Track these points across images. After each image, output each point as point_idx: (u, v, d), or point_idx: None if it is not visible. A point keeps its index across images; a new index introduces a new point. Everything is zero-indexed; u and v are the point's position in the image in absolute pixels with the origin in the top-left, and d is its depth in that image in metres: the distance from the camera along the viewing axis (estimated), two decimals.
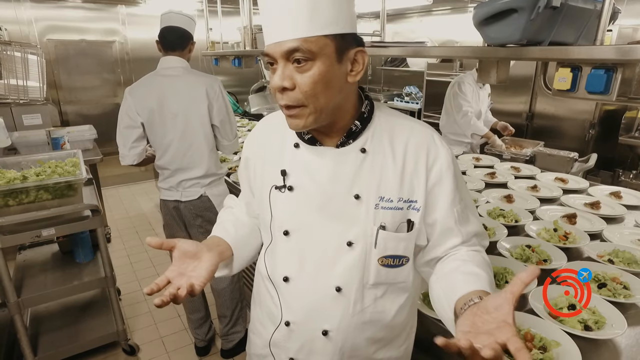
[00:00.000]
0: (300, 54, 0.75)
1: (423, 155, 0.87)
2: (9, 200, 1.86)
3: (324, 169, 0.88)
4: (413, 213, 0.88)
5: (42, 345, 2.19)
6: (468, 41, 4.44)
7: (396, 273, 0.91)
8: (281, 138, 0.95)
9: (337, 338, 0.93)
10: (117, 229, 4.14)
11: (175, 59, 2.01)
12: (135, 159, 2.05)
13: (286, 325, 0.96)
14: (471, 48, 1.49)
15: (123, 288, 3.02)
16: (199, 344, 2.42)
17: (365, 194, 0.86)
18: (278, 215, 0.93)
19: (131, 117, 1.97)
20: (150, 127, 1.99)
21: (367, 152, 0.87)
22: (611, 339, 1.08)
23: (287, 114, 0.81)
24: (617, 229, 1.74)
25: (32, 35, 4.54)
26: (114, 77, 5.19)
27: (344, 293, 0.90)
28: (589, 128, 3.81)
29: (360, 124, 0.87)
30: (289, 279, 0.94)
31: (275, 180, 0.93)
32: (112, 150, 5.13)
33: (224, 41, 3.96)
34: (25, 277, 2.26)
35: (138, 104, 1.95)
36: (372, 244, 0.87)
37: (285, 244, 0.93)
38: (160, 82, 1.97)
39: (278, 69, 0.78)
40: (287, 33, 0.75)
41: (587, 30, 1.23)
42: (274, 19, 0.77)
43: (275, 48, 0.77)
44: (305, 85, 0.77)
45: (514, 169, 2.60)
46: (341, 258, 0.89)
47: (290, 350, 0.98)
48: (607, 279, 1.33)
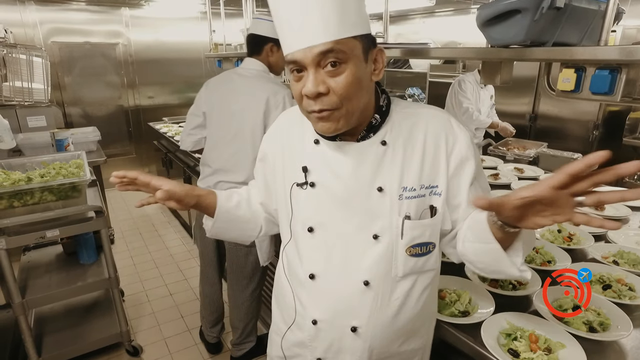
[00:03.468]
0: (334, 56, 0.74)
1: (442, 141, 0.88)
2: (14, 201, 1.87)
3: (346, 163, 0.88)
4: (435, 198, 0.89)
5: (46, 346, 2.20)
6: (471, 42, 4.43)
7: (425, 261, 0.92)
8: (300, 134, 0.95)
9: (367, 334, 0.92)
10: (120, 230, 4.16)
11: (252, 60, 2.02)
12: (190, 146, 2.13)
13: (313, 324, 0.95)
14: (474, 49, 1.49)
15: (126, 289, 3.02)
16: (211, 340, 2.42)
17: (388, 186, 0.87)
18: (300, 212, 0.93)
19: (197, 105, 2.07)
20: (209, 119, 2.04)
21: (388, 145, 0.87)
22: (616, 341, 1.08)
23: (319, 116, 0.79)
24: (621, 230, 1.73)
25: (37, 38, 4.56)
26: (117, 79, 5.21)
27: (372, 287, 0.90)
28: (592, 129, 3.79)
29: (380, 117, 0.88)
30: (315, 276, 0.93)
31: (296, 177, 0.93)
32: (116, 152, 5.19)
33: (227, 43, 3.98)
34: (30, 278, 2.26)
35: (207, 95, 2.04)
36: (399, 235, 0.88)
37: (309, 241, 0.93)
38: (233, 79, 2.01)
39: (308, 75, 0.76)
40: (319, 36, 0.74)
41: (591, 30, 1.22)
42: (300, 24, 0.75)
43: (306, 53, 0.75)
44: (340, 89, 0.76)
45: (517, 170, 2.59)
46: (367, 252, 0.89)
47: (318, 350, 0.97)
48: (612, 280, 1.32)
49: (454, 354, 1.16)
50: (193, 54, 5.53)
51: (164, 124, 4.68)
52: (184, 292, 3.05)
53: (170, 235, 4.07)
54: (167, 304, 2.91)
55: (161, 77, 5.49)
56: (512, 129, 3.39)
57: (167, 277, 3.28)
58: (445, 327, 1.14)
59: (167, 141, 4.04)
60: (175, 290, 3.08)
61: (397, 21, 6.13)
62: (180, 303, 2.92)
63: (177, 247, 3.82)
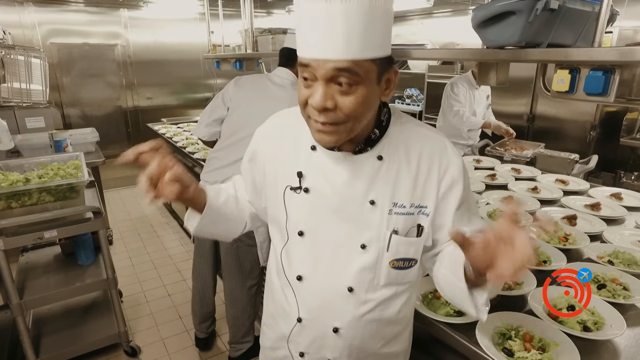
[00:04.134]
0: (348, 75, 0.73)
1: (436, 164, 0.90)
2: (11, 202, 1.88)
3: (341, 173, 0.89)
4: (423, 218, 0.91)
5: (44, 347, 2.20)
6: (469, 43, 4.45)
7: (405, 274, 0.94)
8: (294, 138, 0.95)
9: (347, 335, 0.96)
10: (119, 231, 4.16)
11: (285, 70, 2.09)
12: (206, 136, 2.19)
13: (298, 322, 0.99)
14: (471, 50, 1.50)
15: (125, 290, 3.02)
16: (200, 335, 2.44)
17: (380, 200, 0.88)
18: (293, 215, 0.94)
19: (223, 100, 2.11)
20: (231, 115, 2.08)
21: (384, 160, 0.89)
22: (610, 340, 1.09)
23: (322, 129, 0.79)
24: (617, 230, 1.74)
25: (36, 39, 4.57)
26: (116, 80, 5.21)
27: (355, 293, 0.92)
28: (589, 130, 3.81)
29: (379, 132, 0.89)
30: (303, 278, 0.96)
31: (289, 181, 0.93)
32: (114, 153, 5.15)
33: (225, 44, 3.98)
34: (28, 279, 2.27)
35: (235, 92, 2.08)
36: (385, 247, 0.90)
37: (299, 245, 0.95)
38: (265, 83, 2.07)
39: (318, 86, 0.75)
40: (338, 52, 0.71)
41: (585, 32, 1.23)
42: (321, 32, 0.72)
43: (320, 65, 0.73)
44: (347, 108, 0.76)
45: (514, 171, 2.60)
46: (354, 260, 0.91)
47: (301, 345, 1.01)
48: (607, 280, 1.33)
49: (449, 353, 1.17)
50: (191, 55, 5.54)
51: (162, 124, 4.68)
52: (182, 293, 3.05)
53: (168, 236, 4.07)
54: (165, 305, 2.92)
55: (160, 78, 5.50)
56: (506, 127, 3.33)
57: (166, 277, 3.28)
58: (440, 326, 1.15)
59: (166, 142, 4.04)
60: (173, 291, 3.08)
61: (395, 22, 6.10)
62: (178, 304, 2.92)
63: (176, 247, 3.82)
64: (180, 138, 3.86)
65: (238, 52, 3.78)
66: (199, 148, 3.44)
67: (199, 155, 3.22)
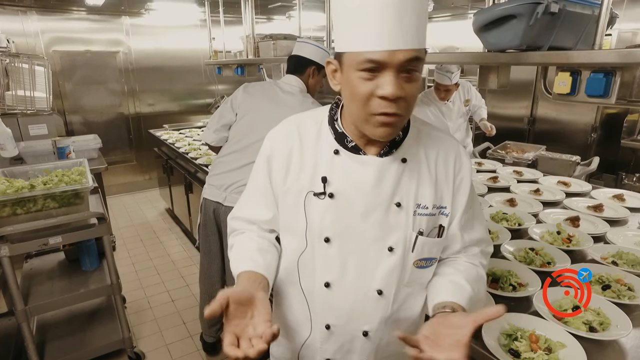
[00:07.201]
0: (415, 64, 0.75)
1: (451, 165, 0.93)
2: (17, 208, 1.88)
3: (368, 177, 0.89)
4: (443, 218, 0.93)
5: (49, 353, 2.20)
6: (469, 47, 4.47)
7: (425, 273, 0.97)
8: (314, 142, 0.94)
9: (375, 337, 0.97)
10: (121, 237, 4.16)
11: (294, 78, 2.12)
12: (214, 141, 2.19)
13: (326, 329, 0.98)
14: (471, 54, 1.52)
15: (128, 296, 3.03)
16: (208, 340, 2.43)
17: (405, 202, 0.90)
18: (316, 222, 0.92)
19: (232, 106, 2.11)
20: (240, 121, 2.09)
21: (407, 162, 0.90)
22: (616, 340, 1.09)
23: (387, 121, 0.78)
24: (620, 231, 1.74)
25: (39, 47, 4.60)
26: (118, 87, 5.24)
27: (384, 295, 0.94)
28: (591, 132, 3.82)
29: (402, 133, 0.90)
30: (330, 284, 0.94)
31: (311, 186, 0.92)
32: (117, 159, 5.20)
33: (226, 50, 4.01)
34: (32, 285, 2.27)
35: (244, 99, 2.09)
36: (410, 248, 0.91)
37: (325, 251, 0.93)
38: (272, 89, 2.09)
39: (387, 77, 0.75)
40: (408, 42, 0.74)
41: (585, 35, 1.25)
42: (392, 25, 0.73)
43: (391, 56, 0.73)
44: (409, 97, 0.78)
45: (516, 173, 2.61)
46: (382, 262, 0.92)
47: (327, 351, 1.00)
48: (612, 280, 1.33)
49: None
50: (193, 62, 5.57)
51: (164, 131, 4.70)
52: (186, 298, 3.05)
53: (171, 241, 4.08)
54: (169, 310, 2.92)
55: (161, 84, 5.53)
56: (489, 127, 3.35)
57: (169, 283, 3.28)
58: None
59: (168, 148, 4.06)
60: (177, 297, 3.09)
61: None
62: (182, 309, 2.92)
63: (179, 253, 3.82)
64: (182, 144, 3.88)
65: (239, 58, 3.81)
66: (201, 154, 3.46)
67: (202, 161, 3.24)
